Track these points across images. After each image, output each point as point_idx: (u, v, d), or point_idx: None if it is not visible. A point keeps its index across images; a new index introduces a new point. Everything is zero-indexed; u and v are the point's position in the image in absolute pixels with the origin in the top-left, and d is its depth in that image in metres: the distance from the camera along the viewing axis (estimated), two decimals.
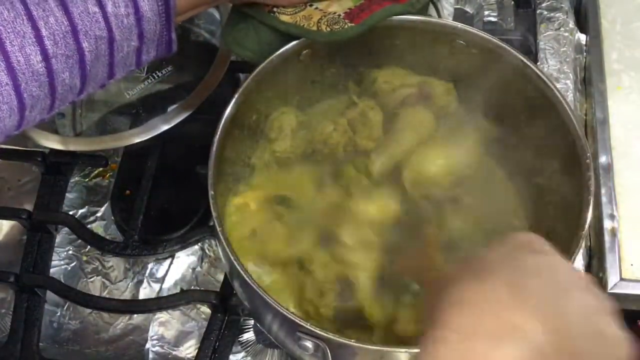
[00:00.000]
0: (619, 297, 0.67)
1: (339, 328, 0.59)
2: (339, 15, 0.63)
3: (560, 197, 0.61)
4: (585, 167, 0.57)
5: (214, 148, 0.59)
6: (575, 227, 0.55)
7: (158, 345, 0.69)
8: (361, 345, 0.50)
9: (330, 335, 0.50)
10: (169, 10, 0.55)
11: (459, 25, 0.64)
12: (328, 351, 0.50)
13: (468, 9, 0.89)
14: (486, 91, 0.66)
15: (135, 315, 0.71)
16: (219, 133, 0.59)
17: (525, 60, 0.61)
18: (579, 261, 0.69)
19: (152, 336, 0.69)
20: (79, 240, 0.74)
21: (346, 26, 0.62)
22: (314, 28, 0.62)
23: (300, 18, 0.63)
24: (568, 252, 0.54)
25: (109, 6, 0.52)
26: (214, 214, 0.56)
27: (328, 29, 0.61)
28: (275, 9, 0.63)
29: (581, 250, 0.62)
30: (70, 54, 0.51)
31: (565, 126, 0.59)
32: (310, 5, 0.64)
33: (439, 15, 0.69)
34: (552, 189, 0.62)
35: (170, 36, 0.57)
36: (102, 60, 0.54)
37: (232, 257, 0.54)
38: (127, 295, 0.73)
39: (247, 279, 0.53)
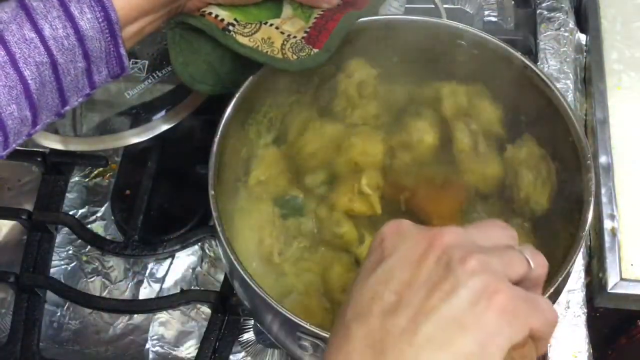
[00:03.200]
0: (619, 297, 0.67)
1: None
2: (301, 39, 0.59)
3: (561, 198, 0.61)
4: (585, 168, 0.56)
5: (214, 148, 0.59)
6: (575, 228, 0.55)
7: (158, 345, 0.69)
8: None
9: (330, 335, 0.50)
10: (112, 26, 0.52)
11: (461, 25, 0.64)
12: None
13: (468, 9, 0.89)
14: (486, 91, 0.66)
15: (135, 315, 0.71)
16: (219, 133, 0.59)
17: (525, 61, 0.61)
18: (579, 261, 0.69)
19: (152, 336, 0.69)
20: (79, 240, 0.74)
21: (312, 53, 0.59)
22: (279, 55, 0.59)
23: (260, 42, 0.59)
24: (568, 252, 0.54)
25: (46, 30, 0.50)
26: (214, 214, 0.56)
27: (295, 57, 0.59)
28: (230, 27, 0.59)
29: (581, 250, 0.62)
30: (12, 84, 0.50)
31: (566, 127, 0.59)
32: (264, 24, 0.60)
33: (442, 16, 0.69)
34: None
35: (119, 51, 0.54)
36: (49, 87, 0.52)
37: (232, 257, 0.54)
38: (127, 295, 0.73)
39: (247, 279, 0.53)
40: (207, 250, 0.74)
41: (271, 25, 0.60)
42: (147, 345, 0.69)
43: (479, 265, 0.35)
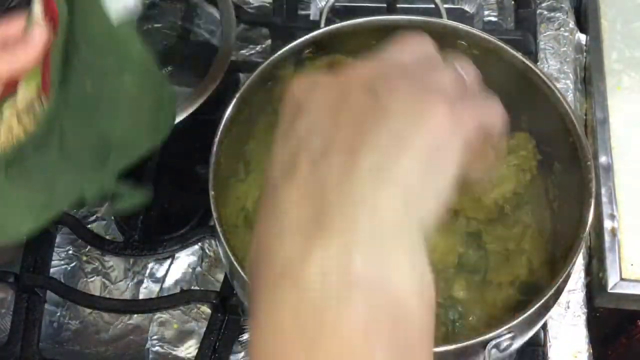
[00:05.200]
0: (619, 297, 0.67)
1: None
2: (37, 96, 0.48)
3: (561, 198, 0.61)
4: (586, 169, 0.56)
5: (214, 148, 0.58)
6: (576, 228, 0.55)
7: (158, 345, 0.69)
8: None
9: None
10: None
11: (461, 25, 0.63)
12: None
13: (468, 8, 0.89)
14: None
15: (135, 315, 0.71)
16: (219, 133, 0.59)
17: (526, 61, 0.61)
18: (579, 261, 0.69)
19: (152, 336, 0.69)
20: (79, 240, 0.74)
21: (43, 105, 0.47)
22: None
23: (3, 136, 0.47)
24: (569, 253, 0.54)
25: None
26: (214, 214, 0.56)
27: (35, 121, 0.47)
28: None
29: (581, 251, 0.63)
30: None
31: (566, 127, 0.59)
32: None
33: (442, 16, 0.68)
34: (552, 190, 0.62)
35: None
36: None
37: (232, 258, 0.54)
38: (127, 295, 0.73)
39: (247, 279, 0.53)
40: (207, 250, 0.74)
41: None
42: (147, 345, 0.69)
43: (407, 85, 0.32)
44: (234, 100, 0.60)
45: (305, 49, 0.64)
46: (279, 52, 0.63)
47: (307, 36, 0.64)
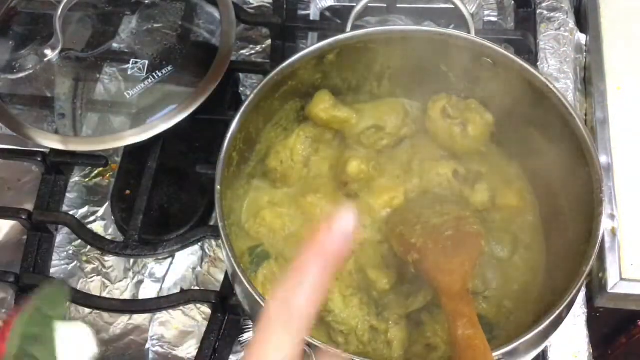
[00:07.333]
0: (619, 297, 0.67)
1: None
2: None
3: (572, 222, 0.61)
4: (597, 200, 0.56)
5: (226, 144, 0.58)
6: (586, 243, 0.55)
7: (158, 345, 0.69)
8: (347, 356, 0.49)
9: (316, 343, 0.50)
10: None
11: (487, 43, 0.63)
12: (314, 358, 0.51)
13: (468, 8, 0.89)
14: (504, 107, 0.66)
15: (135, 315, 0.71)
16: (232, 128, 0.58)
17: (549, 85, 0.60)
18: None
19: (152, 336, 0.69)
20: (79, 240, 0.74)
21: None
22: None
23: None
24: (582, 259, 0.54)
25: None
26: (217, 209, 0.56)
27: None
28: None
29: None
30: None
31: (582, 153, 0.58)
32: None
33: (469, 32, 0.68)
34: (565, 216, 0.62)
35: None
36: None
37: (230, 254, 0.54)
38: (127, 295, 0.73)
39: (241, 275, 0.53)
40: (207, 250, 0.74)
41: None
42: (147, 345, 0.69)
43: None
44: (252, 97, 0.60)
45: (328, 53, 0.64)
46: (302, 53, 0.63)
47: (330, 40, 0.63)
